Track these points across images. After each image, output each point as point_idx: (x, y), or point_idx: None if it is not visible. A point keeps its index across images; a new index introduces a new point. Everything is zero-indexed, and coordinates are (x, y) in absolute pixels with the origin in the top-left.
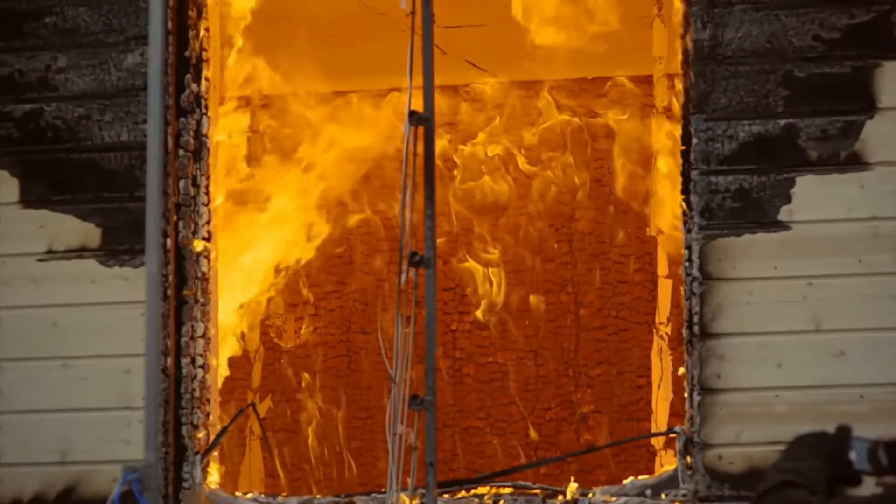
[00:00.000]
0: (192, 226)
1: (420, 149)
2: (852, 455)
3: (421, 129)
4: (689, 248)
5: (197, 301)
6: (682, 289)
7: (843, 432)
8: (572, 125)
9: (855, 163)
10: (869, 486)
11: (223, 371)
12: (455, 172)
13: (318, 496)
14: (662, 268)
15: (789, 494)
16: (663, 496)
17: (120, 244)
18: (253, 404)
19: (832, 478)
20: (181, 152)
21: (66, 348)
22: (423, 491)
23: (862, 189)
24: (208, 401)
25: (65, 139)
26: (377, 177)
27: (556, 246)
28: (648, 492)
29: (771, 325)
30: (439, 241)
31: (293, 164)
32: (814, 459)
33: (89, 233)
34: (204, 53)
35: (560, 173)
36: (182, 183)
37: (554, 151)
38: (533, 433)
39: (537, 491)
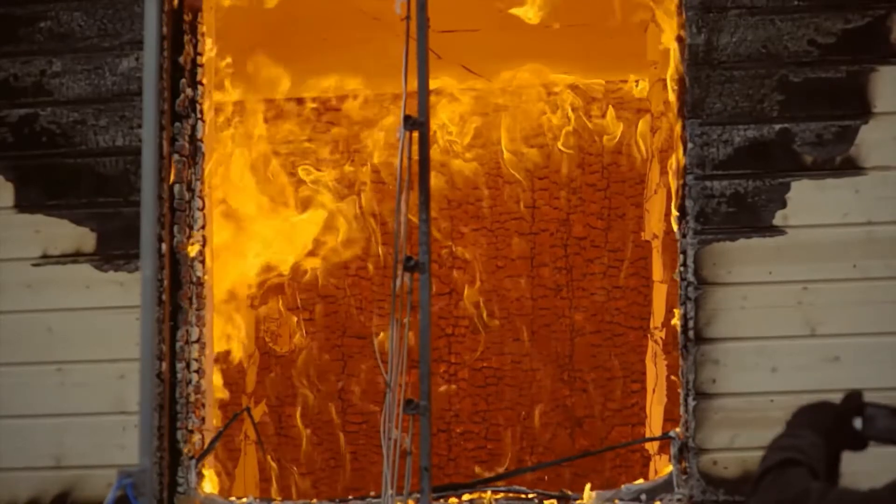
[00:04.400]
0: (187, 230)
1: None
2: (857, 423)
3: (416, 134)
4: (683, 252)
5: (192, 306)
6: (677, 293)
7: (852, 400)
8: (567, 129)
9: (850, 167)
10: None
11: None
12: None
13: (313, 501)
14: (657, 272)
15: (789, 477)
16: (658, 501)
17: (115, 249)
18: (248, 409)
19: (834, 448)
20: (176, 157)
21: (61, 353)
22: (419, 496)
23: (857, 194)
24: (203, 405)
25: (60, 144)
26: (375, 180)
27: (551, 250)
28: (643, 496)
29: (766, 329)
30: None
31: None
32: (814, 435)
33: (84, 238)
34: (199, 58)
35: (555, 177)
36: (177, 188)
37: (548, 156)
38: (527, 438)
39: (532, 495)
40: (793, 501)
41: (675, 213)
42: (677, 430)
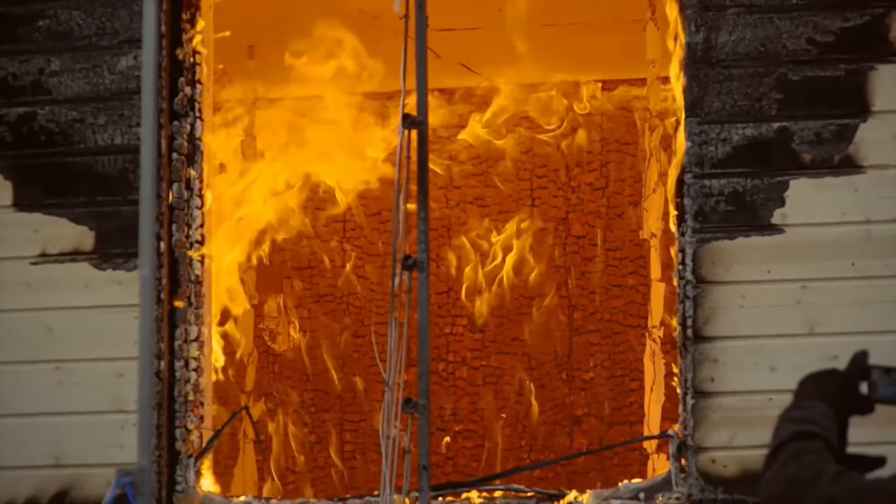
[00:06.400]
0: (186, 229)
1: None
2: (863, 388)
3: (414, 133)
4: (682, 251)
5: (190, 304)
6: (675, 292)
7: (857, 364)
8: (566, 128)
9: (849, 166)
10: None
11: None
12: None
13: (311, 499)
14: (655, 271)
15: (804, 454)
16: (657, 499)
17: (113, 248)
18: (246, 407)
19: (843, 415)
20: (175, 156)
21: (60, 352)
22: (417, 494)
23: (855, 192)
24: (202, 404)
25: (58, 143)
26: (372, 179)
27: (549, 248)
28: (642, 495)
29: (764, 328)
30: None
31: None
32: (822, 404)
33: (83, 236)
34: (198, 57)
35: (553, 176)
36: (176, 186)
37: (547, 154)
38: (526, 437)
39: (531, 494)
40: (805, 483)
41: (673, 211)
42: (676, 428)
